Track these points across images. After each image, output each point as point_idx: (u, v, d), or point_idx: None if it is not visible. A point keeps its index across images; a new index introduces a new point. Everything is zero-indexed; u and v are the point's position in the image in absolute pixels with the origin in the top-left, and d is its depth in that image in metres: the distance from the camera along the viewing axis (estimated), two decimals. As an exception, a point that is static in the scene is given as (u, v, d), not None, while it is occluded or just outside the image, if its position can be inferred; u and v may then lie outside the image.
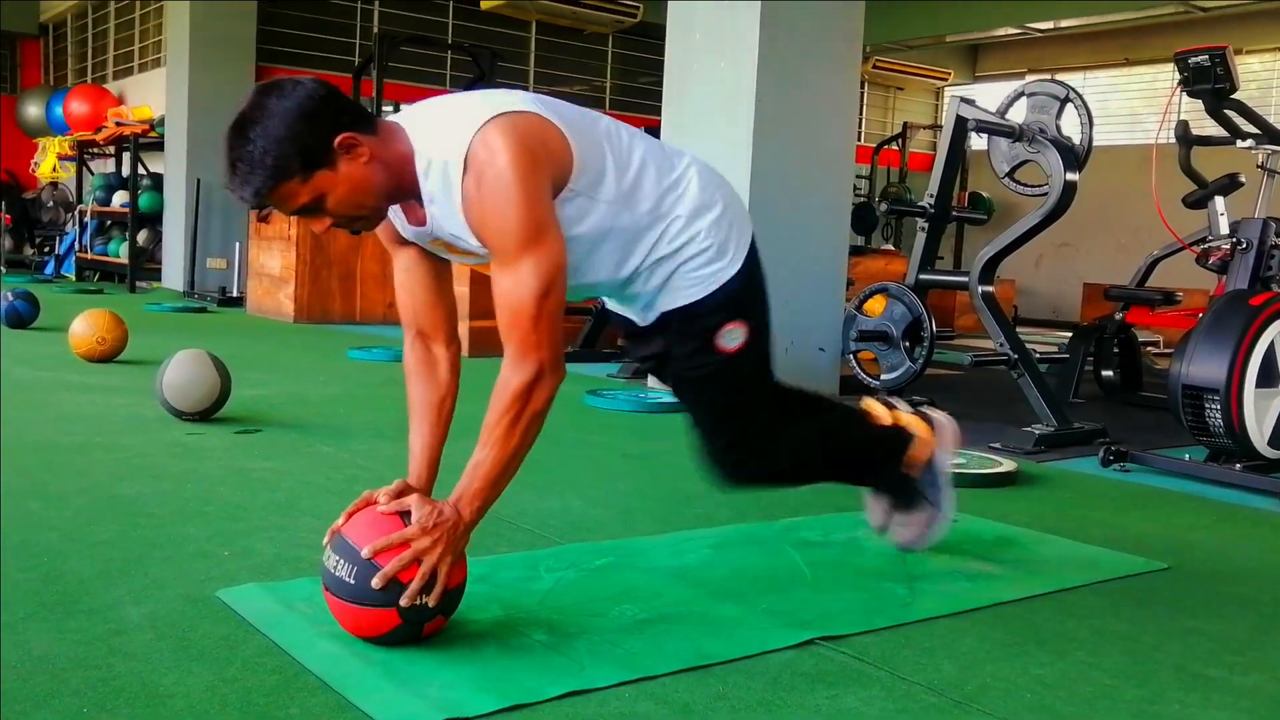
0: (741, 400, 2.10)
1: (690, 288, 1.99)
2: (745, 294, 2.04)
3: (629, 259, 1.96)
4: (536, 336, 1.75)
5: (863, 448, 2.34)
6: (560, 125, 1.81)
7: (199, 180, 10.05)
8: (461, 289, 4.89)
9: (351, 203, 1.75)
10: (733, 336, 2.01)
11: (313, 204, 1.74)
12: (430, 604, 1.73)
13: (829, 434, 2.28)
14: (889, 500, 2.42)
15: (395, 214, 1.90)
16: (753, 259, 2.06)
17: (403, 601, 1.70)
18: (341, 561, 1.74)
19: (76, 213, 11.64)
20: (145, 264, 10.62)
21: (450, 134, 1.75)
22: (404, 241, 1.95)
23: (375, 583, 1.70)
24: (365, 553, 1.71)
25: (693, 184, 1.98)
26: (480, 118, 1.74)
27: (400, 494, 1.80)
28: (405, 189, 1.80)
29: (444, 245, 1.91)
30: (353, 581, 1.72)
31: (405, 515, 1.76)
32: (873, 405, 2.41)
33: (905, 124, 13.18)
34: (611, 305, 2.19)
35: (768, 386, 2.15)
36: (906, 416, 2.39)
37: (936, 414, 2.43)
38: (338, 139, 1.70)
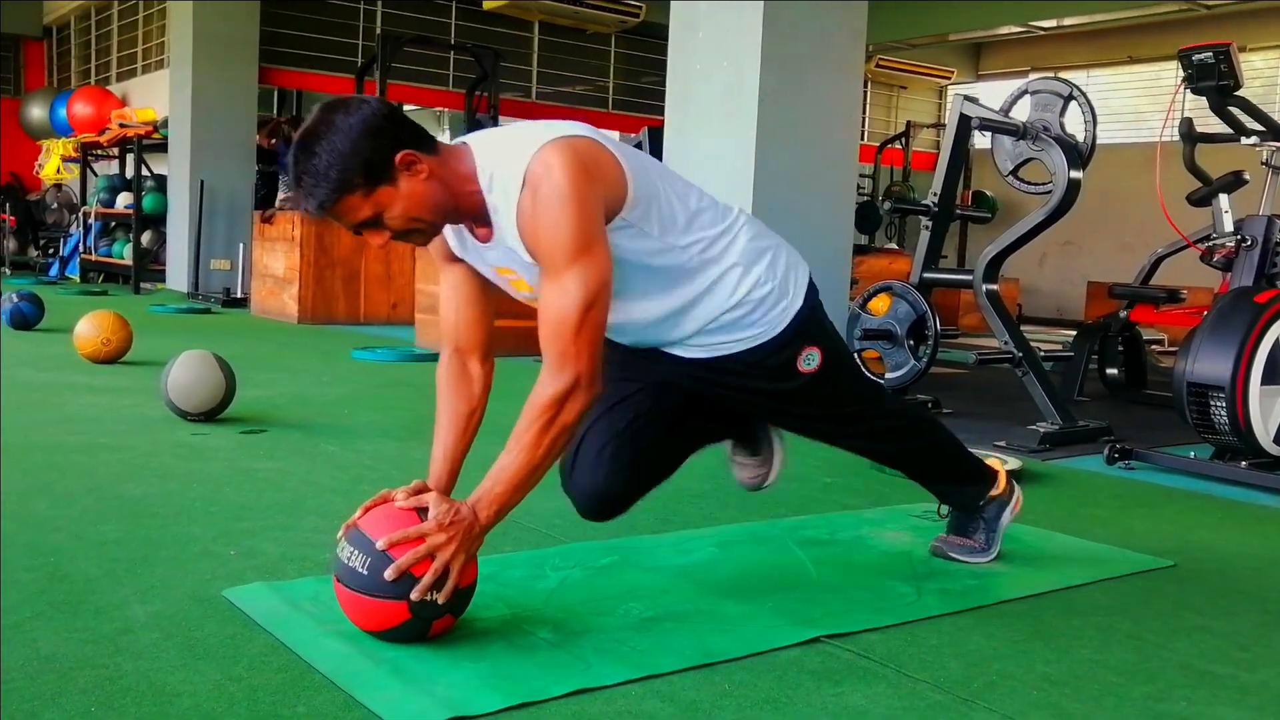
0: (843, 402, 2.22)
1: (758, 328, 2.03)
2: (811, 323, 2.08)
3: (685, 308, 1.98)
4: (576, 348, 1.76)
5: (964, 461, 2.43)
6: (618, 155, 1.84)
7: (203, 181, 10.06)
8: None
9: (410, 217, 1.78)
10: (809, 359, 2.07)
11: (373, 218, 1.77)
12: (440, 600, 1.73)
13: (943, 434, 2.40)
14: (954, 521, 2.48)
15: (449, 231, 1.93)
16: (813, 296, 2.10)
17: (413, 595, 1.71)
18: (355, 552, 1.75)
19: (80, 214, 11.66)
20: (149, 265, 10.64)
21: (512, 153, 1.79)
22: (454, 259, 1.98)
23: (388, 574, 1.71)
24: (380, 544, 1.72)
25: (743, 233, 2.02)
26: (542, 139, 1.78)
27: (418, 493, 1.82)
28: (463, 208, 1.83)
29: (502, 270, 1.93)
30: (365, 572, 1.73)
31: (422, 512, 1.77)
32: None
33: (909, 123, 13.18)
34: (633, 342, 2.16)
35: (866, 388, 2.31)
36: (996, 464, 2.51)
37: (1016, 484, 2.52)
38: (399, 155, 1.73)
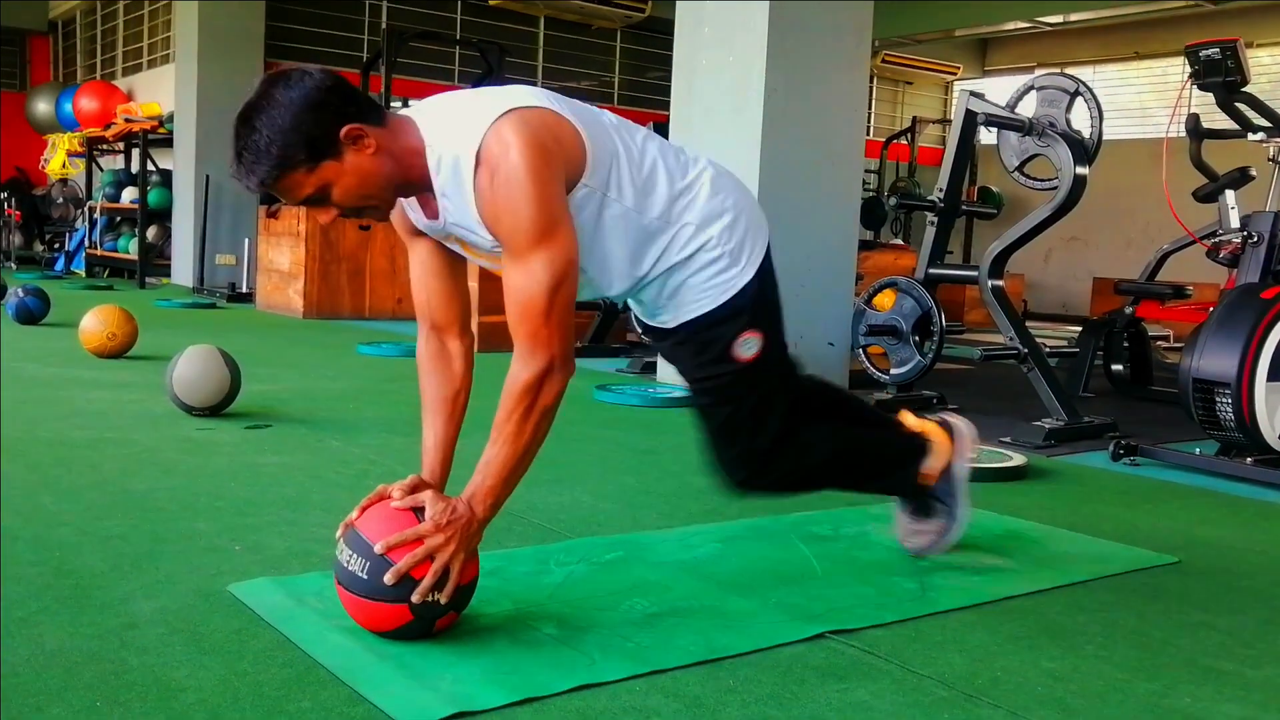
0: (756, 409, 2.05)
1: (703, 297, 1.98)
2: (759, 301, 2.01)
3: (640, 262, 1.94)
4: (547, 331, 1.74)
5: (877, 458, 2.32)
6: (574, 121, 1.79)
7: (208, 176, 10.07)
8: (471, 284, 4.88)
9: (358, 194, 1.74)
10: (748, 346, 2.00)
11: (318, 194, 1.72)
12: (442, 600, 1.73)
13: (845, 443, 2.24)
14: (904, 507, 2.41)
15: (411, 206, 1.89)
16: (766, 266, 2.04)
17: (414, 598, 1.71)
18: (355, 556, 1.75)
19: (86, 209, 11.67)
20: (155, 260, 10.66)
21: (463, 128, 1.73)
22: (419, 233, 1.94)
23: (388, 579, 1.70)
24: (378, 548, 1.71)
25: (704, 190, 1.96)
26: (493, 113, 1.72)
27: (414, 489, 1.81)
28: (414, 182, 1.79)
29: (459, 242, 1.90)
30: (365, 576, 1.73)
31: (419, 511, 1.76)
32: (903, 415, 2.42)
33: (914, 118, 13.16)
34: (633, 309, 2.18)
35: (785, 395, 2.10)
36: (928, 424, 2.37)
37: (957, 420, 2.40)
38: (344, 130, 1.68)
